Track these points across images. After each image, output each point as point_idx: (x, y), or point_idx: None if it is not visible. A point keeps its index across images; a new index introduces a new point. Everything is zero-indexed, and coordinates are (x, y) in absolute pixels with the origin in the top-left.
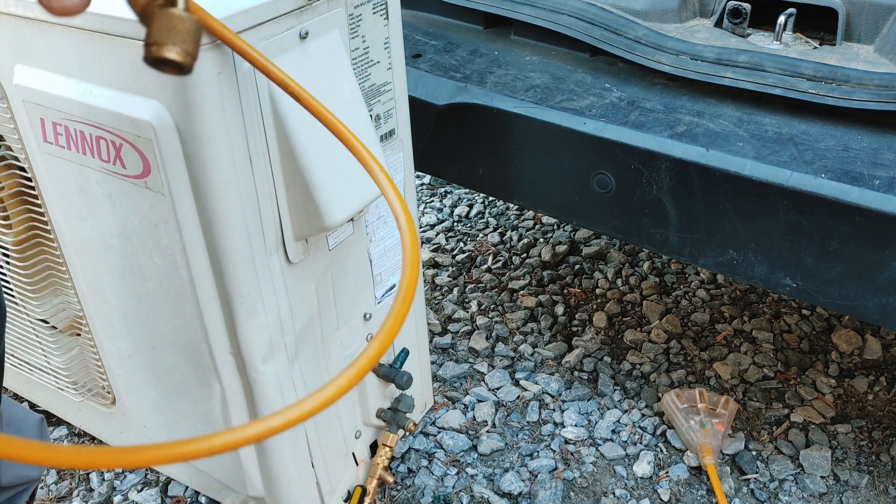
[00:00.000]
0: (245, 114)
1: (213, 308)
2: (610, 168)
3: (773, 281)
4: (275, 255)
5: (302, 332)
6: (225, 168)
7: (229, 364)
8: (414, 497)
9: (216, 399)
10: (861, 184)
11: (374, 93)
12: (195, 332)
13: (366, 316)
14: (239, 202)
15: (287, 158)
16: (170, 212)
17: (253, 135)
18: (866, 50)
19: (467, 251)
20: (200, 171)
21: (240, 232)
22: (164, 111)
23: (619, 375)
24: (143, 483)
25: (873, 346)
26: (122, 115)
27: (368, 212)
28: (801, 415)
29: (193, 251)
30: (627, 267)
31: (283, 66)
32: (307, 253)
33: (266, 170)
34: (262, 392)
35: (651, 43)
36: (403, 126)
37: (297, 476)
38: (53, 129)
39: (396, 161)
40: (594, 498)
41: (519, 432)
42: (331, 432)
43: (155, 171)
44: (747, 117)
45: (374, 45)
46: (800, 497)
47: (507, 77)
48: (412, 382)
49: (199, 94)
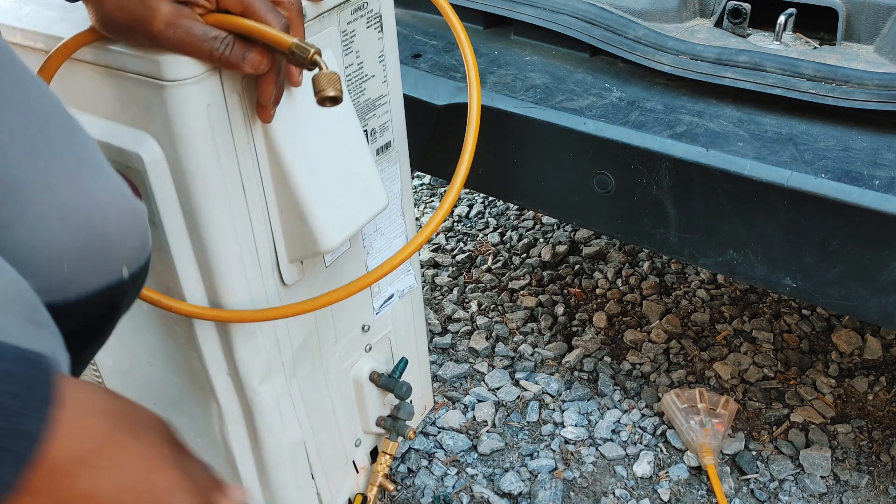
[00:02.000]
0: (236, 142)
1: (208, 332)
2: (610, 168)
3: (773, 281)
4: (270, 279)
5: (299, 349)
6: (217, 197)
7: (226, 384)
8: (414, 497)
9: (214, 417)
10: (861, 184)
11: (369, 107)
12: (190, 353)
13: (364, 328)
14: (232, 230)
15: (280, 185)
16: (163, 241)
17: (245, 163)
18: (866, 50)
19: (467, 251)
20: (192, 201)
21: (234, 258)
22: (153, 143)
23: (619, 375)
24: None
25: (873, 346)
26: (112, 145)
27: (364, 227)
28: (801, 415)
29: (187, 279)
30: (627, 267)
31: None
32: (302, 273)
33: (259, 196)
34: (260, 412)
35: (651, 43)
36: (399, 138)
37: (296, 489)
38: None
39: (393, 173)
40: (594, 498)
41: (519, 432)
42: (330, 443)
43: (146, 201)
44: (747, 117)
45: (369, 60)
46: (800, 497)
47: (507, 77)
48: (411, 392)
49: (188, 128)
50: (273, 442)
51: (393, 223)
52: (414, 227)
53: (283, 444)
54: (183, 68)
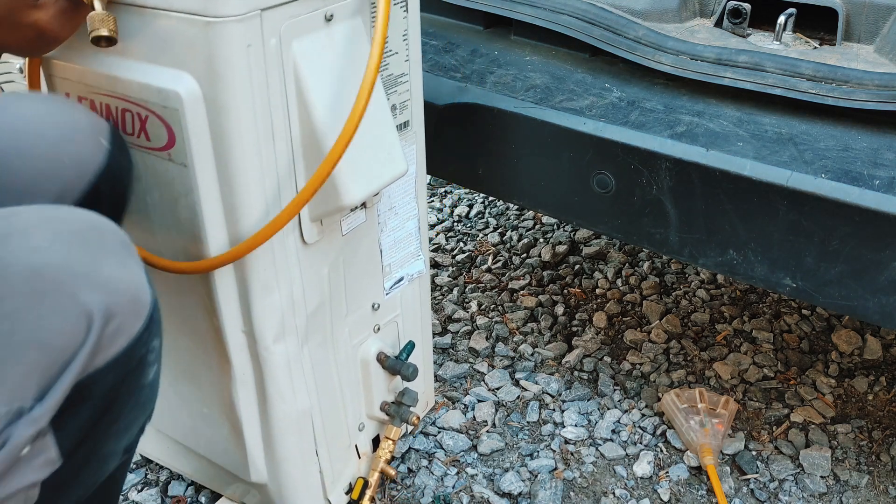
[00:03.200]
0: (270, 88)
1: (228, 284)
2: (610, 168)
3: (773, 281)
4: (291, 236)
5: (313, 315)
6: (248, 140)
7: (241, 342)
8: (414, 497)
9: (223, 383)
10: (861, 184)
11: (391, 83)
12: (208, 308)
13: (374, 306)
14: (260, 175)
15: (308, 136)
16: (192, 184)
17: (276, 110)
18: (866, 50)
19: (467, 251)
20: (225, 141)
21: (259, 206)
22: (192, 81)
23: (619, 375)
24: (143, 483)
25: (873, 346)
26: (151, 85)
27: (380, 201)
28: (801, 415)
29: (213, 225)
30: (627, 267)
31: (308, 46)
32: (322, 235)
33: (287, 146)
34: (271, 372)
35: (651, 43)
36: (417, 118)
37: (301, 462)
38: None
39: (410, 153)
40: (594, 498)
41: (519, 432)
42: (335, 421)
43: (179, 142)
44: (747, 117)
45: (394, 36)
46: (800, 497)
47: (507, 77)
48: (418, 374)
49: (229, 65)
50: (282, 408)
51: (406, 204)
52: (426, 212)
53: (291, 412)
54: (228, 5)
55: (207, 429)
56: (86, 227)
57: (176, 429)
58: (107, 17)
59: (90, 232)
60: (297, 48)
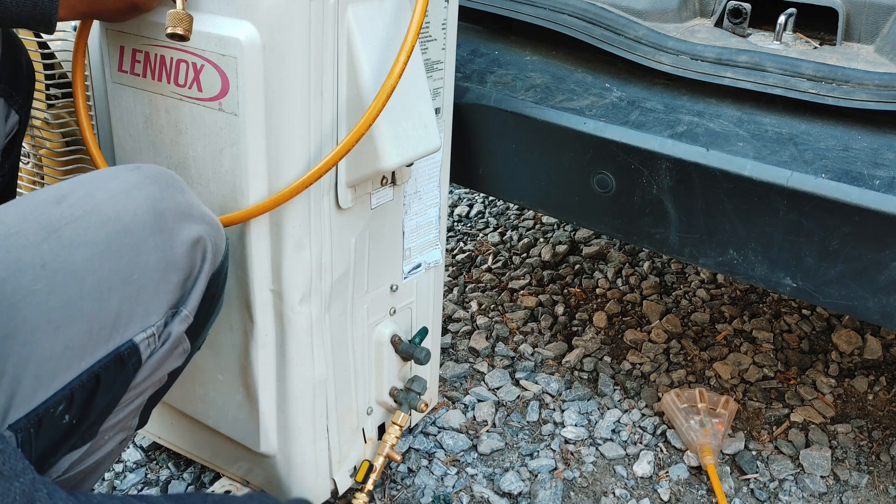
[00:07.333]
0: (325, 45)
1: (261, 236)
2: (610, 168)
3: (773, 281)
4: (326, 197)
5: (338, 282)
6: (300, 92)
7: (267, 301)
8: (414, 497)
9: (242, 346)
10: (861, 184)
11: (428, 68)
12: (239, 264)
13: (392, 287)
14: (306, 129)
15: (354, 97)
16: (239, 133)
17: (327, 67)
18: (866, 50)
19: (467, 251)
20: (277, 91)
21: (301, 159)
22: (252, 30)
23: (619, 375)
24: (143, 483)
25: (873, 346)
26: (210, 34)
27: (407, 184)
28: (801, 415)
29: (255, 176)
30: (627, 267)
31: (362, 12)
32: (354, 203)
33: (333, 105)
34: (294, 334)
35: (651, 43)
36: (447, 107)
37: (312, 434)
38: (132, 57)
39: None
40: (594, 498)
41: (519, 432)
42: (347, 399)
43: (233, 91)
44: (747, 117)
45: (434, 24)
46: (800, 497)
47: (507, 77)
48: (430, 358)
49: (291, 15)
50: (301, 372)
51: (431, 191)
52: (447, 203)
53: (309, 378)
54: None
55: (220, 397)
56: (163, 174)
57: (185, 401)
58: (185, 16)
59: (170, 178)
60: (352, 12)
